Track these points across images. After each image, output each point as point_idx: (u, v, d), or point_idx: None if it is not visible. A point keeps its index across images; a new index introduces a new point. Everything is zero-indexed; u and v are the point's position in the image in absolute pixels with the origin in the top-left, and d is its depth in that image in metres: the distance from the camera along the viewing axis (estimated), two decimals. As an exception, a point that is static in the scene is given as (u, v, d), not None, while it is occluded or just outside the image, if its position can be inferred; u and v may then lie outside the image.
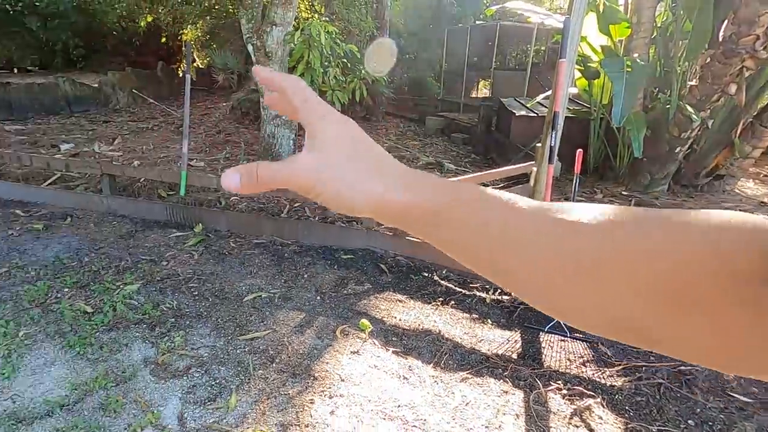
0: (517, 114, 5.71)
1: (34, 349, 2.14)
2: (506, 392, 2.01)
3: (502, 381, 2.08)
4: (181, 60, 11.64)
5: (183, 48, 10.62)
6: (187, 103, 3.63)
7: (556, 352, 2.29)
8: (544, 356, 2.26)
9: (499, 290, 2.84)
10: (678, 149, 4.57)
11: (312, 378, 2.04)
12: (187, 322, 2.40)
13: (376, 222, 3.37)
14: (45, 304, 2.48)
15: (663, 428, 1.84)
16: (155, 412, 1.80)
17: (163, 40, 11.60)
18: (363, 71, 5.39)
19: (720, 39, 4.00)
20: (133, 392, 1.91)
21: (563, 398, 1.99)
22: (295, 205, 3.99)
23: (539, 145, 3.49)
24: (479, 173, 4.70)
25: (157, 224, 3.60)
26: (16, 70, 10.41)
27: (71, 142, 5.73)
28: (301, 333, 2.36)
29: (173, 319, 2.41)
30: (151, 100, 8.47)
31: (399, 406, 1.90)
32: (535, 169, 3.21)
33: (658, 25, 5.03)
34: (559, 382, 2.07)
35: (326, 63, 5.51)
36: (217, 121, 7.41)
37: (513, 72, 10.39)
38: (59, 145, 5.52)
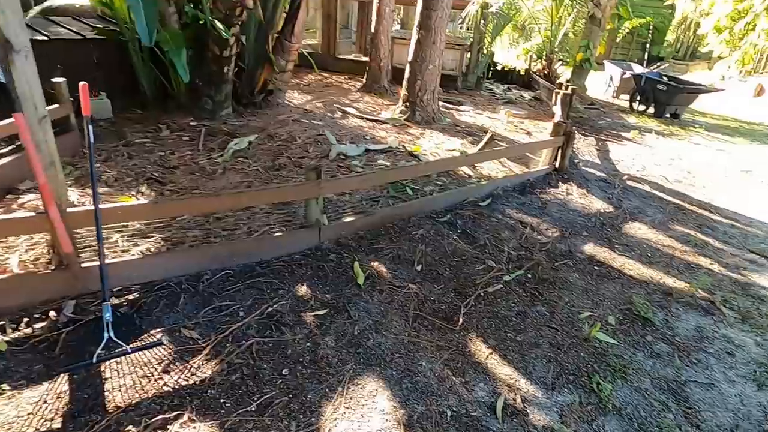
0: None
1: None
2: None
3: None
4: None
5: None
6: None
7: (123, 378, 1.67)
8: (108, 397, 1.59)
9: (30, 319, 1.84)
10: (226, 69, 4.41)
11: None
12: None
13: None
14: None
15: (262, 401, 1.64)
16: None
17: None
18: None
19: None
20: None
21: (142, 444, 1.44)
22: None
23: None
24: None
25: None
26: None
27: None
28: None
29: None
30: None
31: None
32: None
33: None
34: (136, 418, 1.50)
35: None
36: None
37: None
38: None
